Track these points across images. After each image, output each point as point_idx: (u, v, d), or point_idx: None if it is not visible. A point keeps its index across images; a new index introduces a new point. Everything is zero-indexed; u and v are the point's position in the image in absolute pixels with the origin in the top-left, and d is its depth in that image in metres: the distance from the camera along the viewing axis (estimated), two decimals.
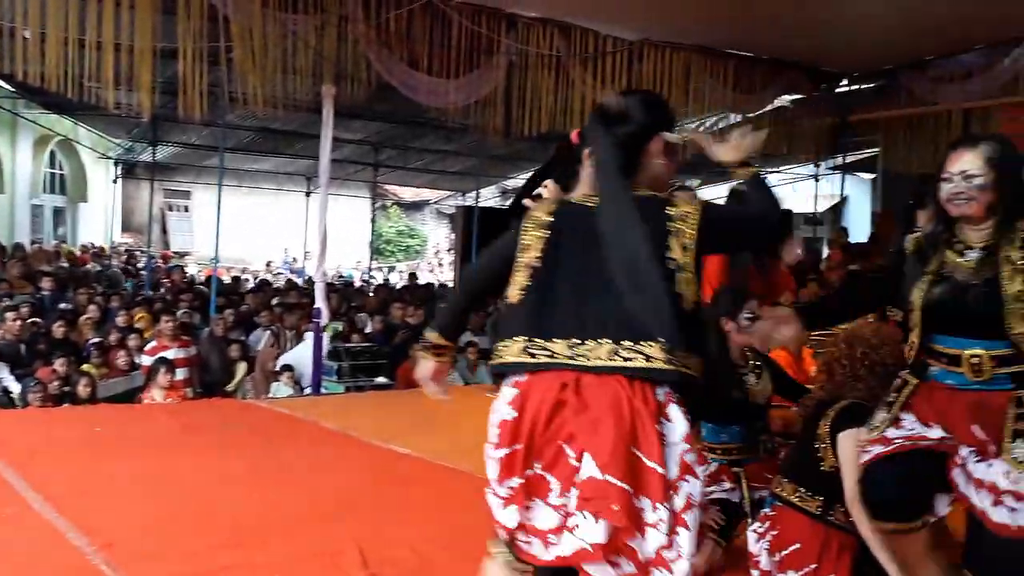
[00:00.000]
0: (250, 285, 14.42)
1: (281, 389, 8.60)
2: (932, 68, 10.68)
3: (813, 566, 3.20)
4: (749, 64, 10.56)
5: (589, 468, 2.05)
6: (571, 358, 2.15)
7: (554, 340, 2.18)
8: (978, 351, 2.57)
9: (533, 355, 2.18)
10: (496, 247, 2.47)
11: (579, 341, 2.16)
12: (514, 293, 2.28)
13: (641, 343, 2.13)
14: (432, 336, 2.60)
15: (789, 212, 13.47)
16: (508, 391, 2.21)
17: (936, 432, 2.64)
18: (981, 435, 2.57)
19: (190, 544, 3.80)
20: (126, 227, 20.54)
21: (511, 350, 2.22)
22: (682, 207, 2.24)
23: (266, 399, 8.27)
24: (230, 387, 8.98)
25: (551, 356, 2.17)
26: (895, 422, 2.72)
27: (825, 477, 3.16)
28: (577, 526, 2.05)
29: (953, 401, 2.62)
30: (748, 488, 3.90)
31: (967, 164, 2.59)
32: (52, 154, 17.43)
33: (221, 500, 4.49)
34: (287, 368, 8.77)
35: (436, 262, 25.33)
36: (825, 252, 14.23)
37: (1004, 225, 2.59)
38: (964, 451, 2.58)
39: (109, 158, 18.05)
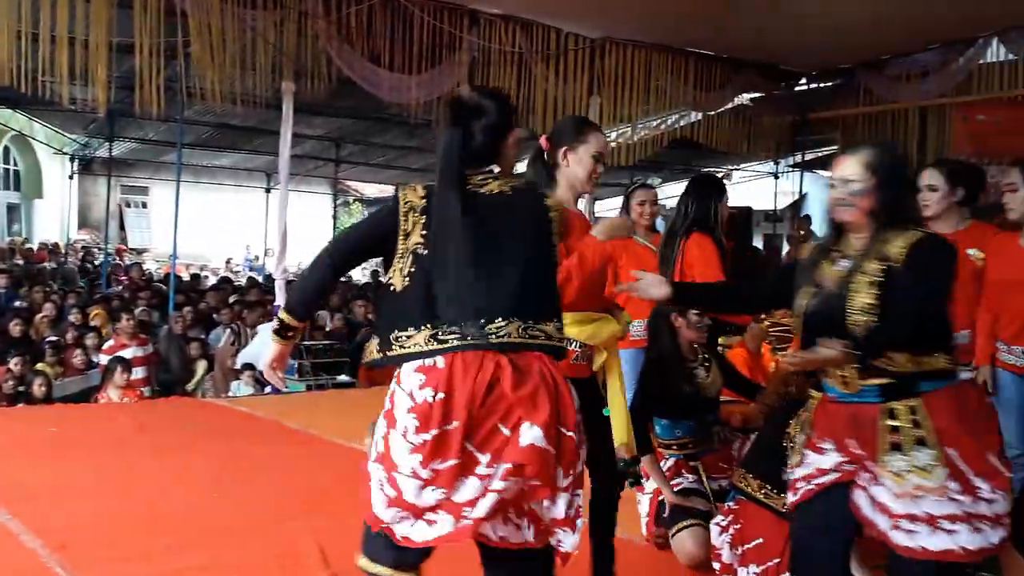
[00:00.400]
0: (210, 282, 14.27)
1: (242, 388, 8.53)
2: (889, 67, 10.84)
3: (776, 561, 3.23)
4: (709, 62, 10.64)
5: (529, 437, 2.13)
6: (487, 337, 2.20)
7: (462, 322, 2.22)
8: None
9: (444, 340, 2.20)
10: (371, 228, 2.49)
11: (487, 320, 2.22)
12: (398, 280, 2.29)
13: (543, 322, 2.27)
14: (284, 316, 2.44)
15: (749, 209, 13.60)
16: (417, 376, 2.19)
17: (830, 458, 2.57)
18: (857, 450, 2.51)
19: (147, 545, 3.76)
20: (83, 224, 20.19)
21: (416, 339, 2.23)
22: (554, 200, 2.46)
23: (226, 398, 8.20)
24: (190, 386, 8.87)
25: (463, 338, 2.20)
26: (801, 457, 2.66)
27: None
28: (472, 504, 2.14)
29: (837, 414, 2.58)
30: (708, 479, 3.97)
31: (847, 170, 2.55)
32: (6, 150, 17.13)
33: (179, 500, 4.45)
34: (248, 367, 8.69)
35: None
36: (785, 248, 14.41)
37: (876, 234, 2.52)
38: (864, 474, 2.51)
39: (65, 154, 17.76)
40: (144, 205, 21.76)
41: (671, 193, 21.10)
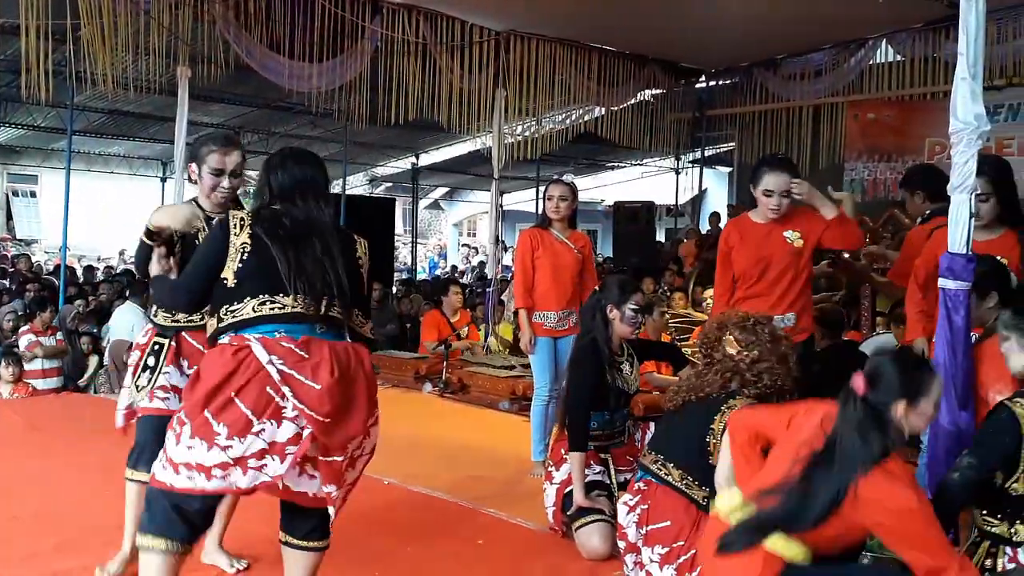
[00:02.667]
0: (100, 275, 13.80)
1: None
2: (784, 66, 11.16)
3: (681, 543, 3.26)
4: (613, 58, 10.77)
5: (312, 399, 2.50)
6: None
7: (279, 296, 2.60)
8: None
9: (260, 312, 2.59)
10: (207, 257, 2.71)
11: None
12: (231, 278, 2.62)
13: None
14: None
15: (652, 204, 13.84)
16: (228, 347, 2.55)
17: None
18: None
19: (31, 546, 3.63)
20: None
21: (244, 310, 2.59)
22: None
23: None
24: (82, 381, 8.55)
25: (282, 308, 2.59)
26: None
27: (713, 471, 3.13)
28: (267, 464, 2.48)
29: None
30: (615, 472, 4.01)
31: None
32: None
33: (68, 499, 4.30)
34: None
35: None
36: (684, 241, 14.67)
37: None
38: None
39: None
40: (33, 194, 20.94)
41: (577, 186, 21.39)
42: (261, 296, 2.59)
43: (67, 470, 4.81)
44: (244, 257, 2.61)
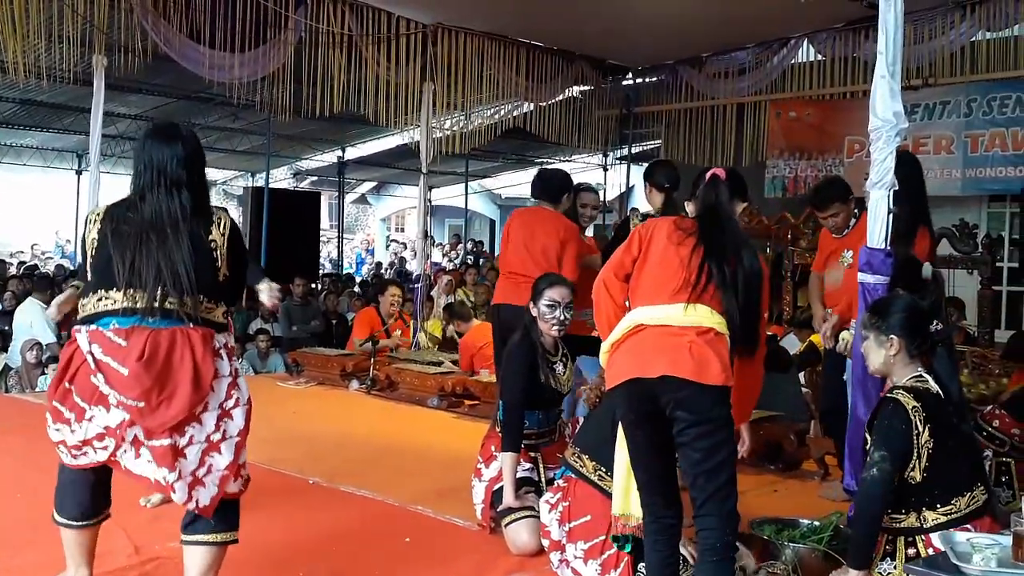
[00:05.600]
0: (14, 270, 13.32)
1: (49, 381, 7.99)
2: (708, 64, 11.30)
3: (602, 538, 3.30)
4: (541, 54, 10.76)
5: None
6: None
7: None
8: None
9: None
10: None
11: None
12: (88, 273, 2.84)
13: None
14: None
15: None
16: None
17: None
18: None
19: None
20: None
21: (88, 305, 2.79)
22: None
23: (33, 393, 7.66)
24: None
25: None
26: None
27: None
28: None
29: None
30: (544, 469, 4.02)
31: None
32: None
33: None
34: (53, 360, 8.15)
35: None
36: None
37: None
38: None
39: None
40: None
41: (505, 182, 21.42)
42: (99, 292, 2.77)
43: None
44: (92, 253, 2.84)
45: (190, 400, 2.70)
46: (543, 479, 3.99)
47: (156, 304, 2.72)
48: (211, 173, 22.27)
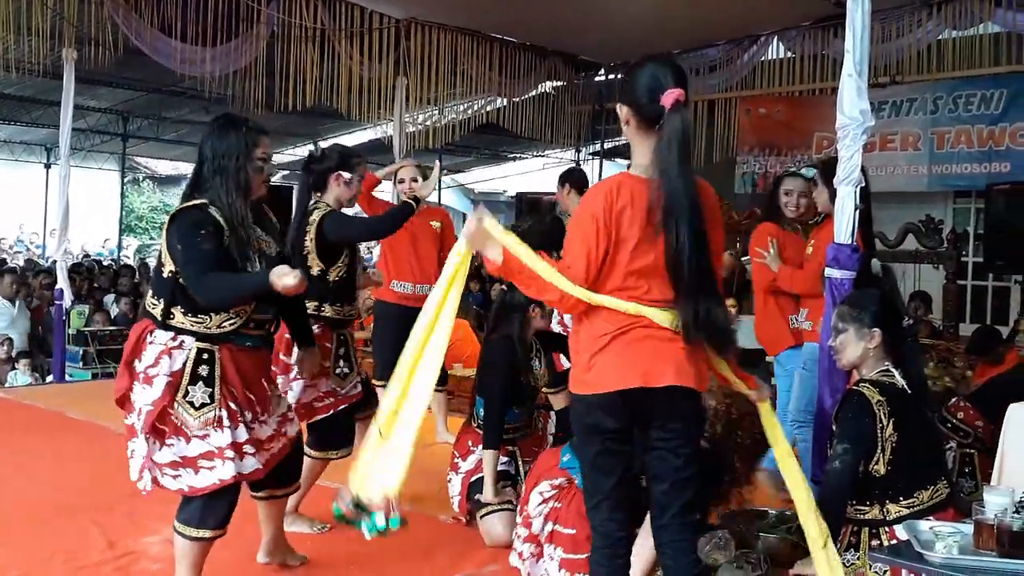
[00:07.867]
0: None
1: (19, 377, 7.98)
2: (679, 61, 11.28)
3: (584, 555, 3.23)
4: (514, 49, 10.78)
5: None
6: None
7: None
8: None
9: None
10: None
11: None
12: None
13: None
14: None
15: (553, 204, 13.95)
16: None
17: None
18: None
19: None
20: None
21: None
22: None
23: (3, 389, 7.60)
24: None
25: None
26: None
27: None
28: None
29: None
30: (522, 463, 4.07)
31: None
32: None
33: None
34: (24, 355, 8.12)
35: None
36: None
37: None
38: None
39: None
40: None
41: (480, 177, 21.41)
42: None
43: None
44: None
45: (123, 381, 3.06)
46: (521, 472, 4.03)
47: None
48: (182, 167, 22.15)
